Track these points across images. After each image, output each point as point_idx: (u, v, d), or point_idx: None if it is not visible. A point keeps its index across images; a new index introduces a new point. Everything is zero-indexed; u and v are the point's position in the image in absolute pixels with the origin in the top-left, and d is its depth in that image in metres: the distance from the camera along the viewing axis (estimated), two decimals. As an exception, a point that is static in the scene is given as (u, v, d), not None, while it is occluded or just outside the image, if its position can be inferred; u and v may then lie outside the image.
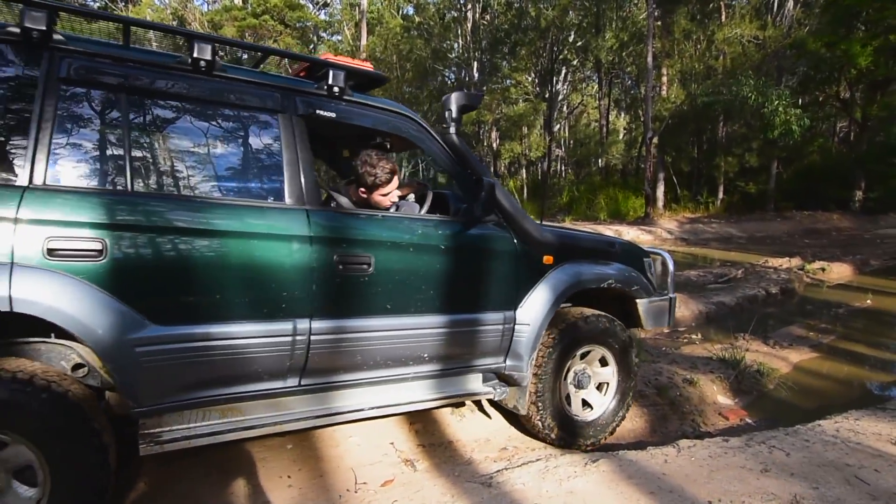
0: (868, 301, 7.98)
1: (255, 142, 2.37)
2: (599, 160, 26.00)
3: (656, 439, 3.49)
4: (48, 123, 1.91)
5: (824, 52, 16.31)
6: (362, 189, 2.69)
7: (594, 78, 26.95)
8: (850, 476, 2.54)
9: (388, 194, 2.72)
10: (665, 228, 16.38)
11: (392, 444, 3.01)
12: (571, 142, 30.99)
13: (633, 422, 3.70)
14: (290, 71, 2.22)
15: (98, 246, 1.89)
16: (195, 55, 2.14)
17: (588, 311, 3.11)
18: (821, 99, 19.46)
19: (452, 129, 2.70)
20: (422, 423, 3.26)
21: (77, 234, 1.87)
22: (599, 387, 3.24)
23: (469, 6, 24.00)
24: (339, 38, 31.24)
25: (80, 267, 1.87)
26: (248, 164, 2.37)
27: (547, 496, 2.33)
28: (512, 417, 3.37)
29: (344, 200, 2.70)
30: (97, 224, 1.89)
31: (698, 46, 19.73)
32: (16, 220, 1.79)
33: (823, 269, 9.72)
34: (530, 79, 24.31)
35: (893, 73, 16.41)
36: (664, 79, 21.27)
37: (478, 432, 3.29)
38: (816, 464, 2.66)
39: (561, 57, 23.26)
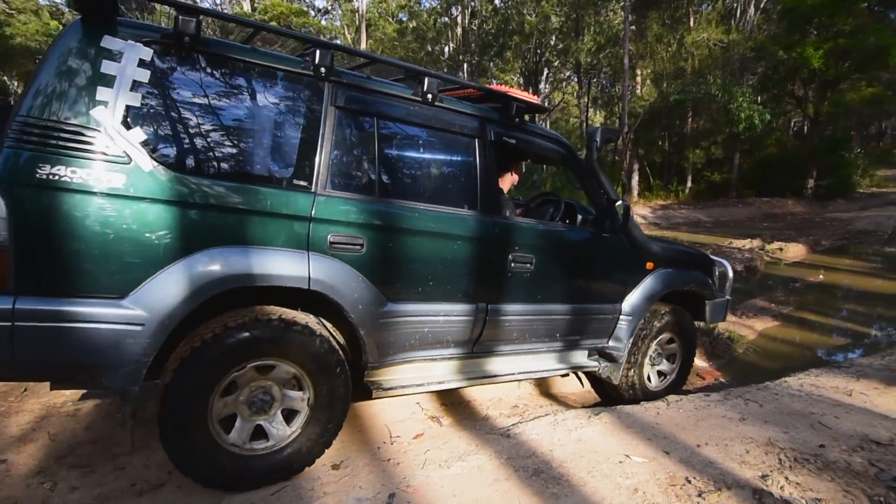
0: (820, 276, 8.20)
1: (459, 160, 2.65)
2: (579, 154, 25.98)
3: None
4: (329, 142, 2.21)
5: (782, 54, 16.41)
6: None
7: (574, 78, 26.88)
8: (814, 422, 2.70)
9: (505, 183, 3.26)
10: (640, 214, 16.52)
11: (418, 403, 3.13)
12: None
13: (623, 382, 3.85)
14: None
15: (361, 241, 2.23)
16: (424, 89, 2.43)
17: (669, 307, 3.44)
18: (778, 96, 19.60)
19: (594, 157, 3.05)
20: (441, 386, 3.38)
21: (348, 231, 2.20)
22: (672, 357, 3.58)
23: (459, 12, 23.79)
24: (339, 41, 30.88)
25: (349, 257, 2.20)
26: (455, 177, 2.67)
27: (559, 443, 2.46)
28: (517, 382, 3.50)
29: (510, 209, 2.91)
30: (360, 224, 2.22)
31: (669, 49, 19.74)
32: (311, 219, 2.12)
33: (781, 249, 9.93)
34: (516, 79, 24.22)
35: (842, 74, 16.55)
36: (638, 78, 21.29)
37: (490, 392, 3.42)
38: (786, 413, 2.81)
39: (544, 59, 23.18)
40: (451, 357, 2.68)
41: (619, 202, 3.02)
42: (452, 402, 3.22)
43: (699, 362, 4.35)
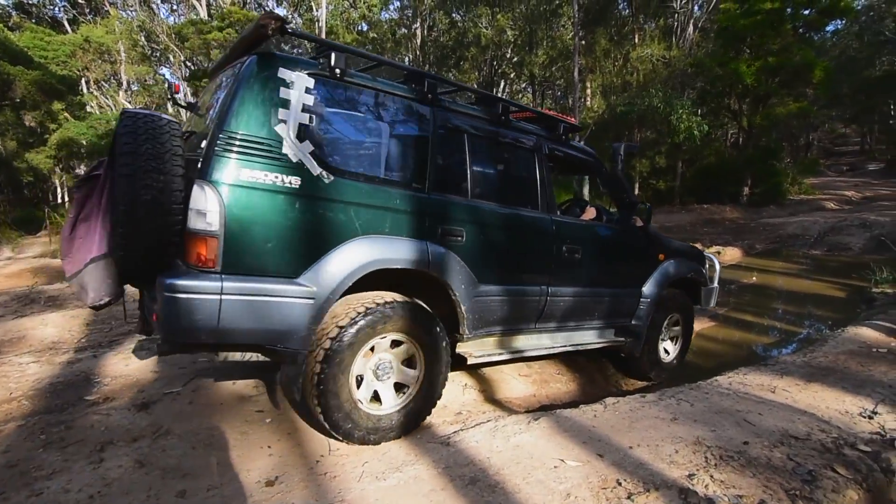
0: (753, 278, 8.55)
1: (524, 168, 3.24)
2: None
3: (587, 399, 3.67)
4: (434, 154, 2.72)
5: (718, 70, 17.14)
6: None
7: (528, 90, 27.34)
8: (740, 420, 2.76)
9: None
10: (590, 220, 16.85)
11: (361, 413, 3.03)
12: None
13: (568, 385, 3.87)
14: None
15: (461, 233, 2.74)
16: (499, 111, 3.05)
17: (675, 291, 4.09)
18: (716, 109, 20.47)
19: (619, 167, 3.72)
20: (387, 394, 3.29)
21: (453, 225, 2.71)
22: (675, 338, 4.24)
23: (417, 24, 23.82)
24: (300, 50, 30.35)
25: (453, 246, 2.70)
26: (522, 183, 3.22)
27: (497, 450, 2.42)
28: (467, 384, 3.45)
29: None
30: (460, 219, 2.75)
31: (616, 63, 20.34)
32: (426, 215, 2.62)
33: (719, 252, 10.32)
34: (473, 90, 24.41)
35: (772, 89, 17.43)
36: (588, 91, 21.82)
37: (435, 399, 3.35)
38: (714, 411, 2.87)
39: (500, 71, 23.48)
40: (520, 331, 3.21)
41: (644, 204, 3.72)
42: (396, 411, 3.13)
43: (639, 363, 4.42)
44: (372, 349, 2.51)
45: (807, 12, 17.18)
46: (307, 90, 2.32)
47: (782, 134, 28.61)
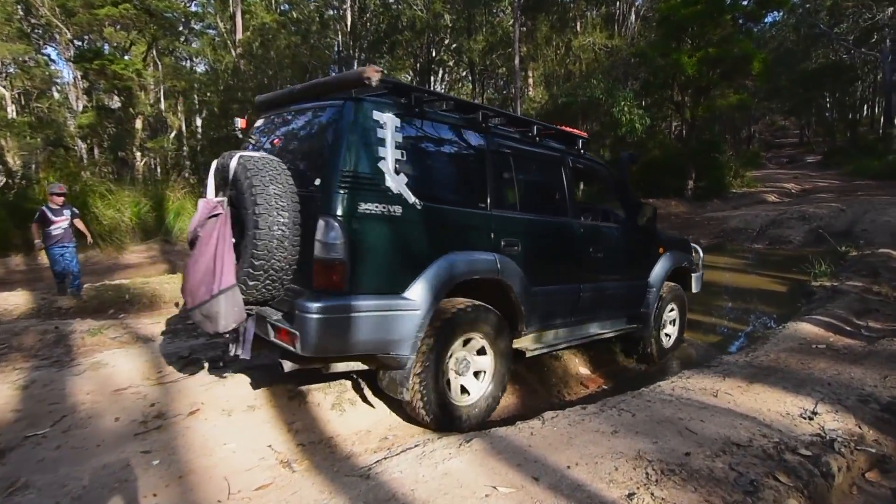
0: (699, 274, 8.94)
1: (555, 181, 3.91)
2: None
3: (527, 412, 3.65)
4: (491, 174, 3.31)
5: (660, 60, 17.97)
6: None
7: (469, 78, 27.56)
8: (682, 428, 2.81)
9: None
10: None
11: (270, 446, 2.85)
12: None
13: (507, 399, 3.83)
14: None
15: (517, 243, 3.36)
16: (534, 133, 3.74)
17: (673, 284, 4.88)
18: (659, 101, 21.44)
19: (625, 174, 4.67)
20: (302, 422, 3.12)
21: (510, 237, 3.31)
22: (673, 322, 5.01)
23: (346, 5, 23.41)
24: (214, 31, 29.05)
25: (512, 255, 3.30)
26: (555, 193, 3.93)
27: (423, 481, 2.32)
28: (394, 406, 3.33)
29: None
30: (515, 231, 3.37)
31: (558, 52, 20.89)
32: (491, 230, 3.22)
33: (665, 249, 10.74)
34: (409, 78, 24.31)
35: (713, 81, 18.47)
36: (530, 80, 22.28)
37: (359, 424, 3.22)
38: (656, 420, 2.91)
39: (438, 58, 23.52)
40: (561, 325, 3.88)
41: (648, 205, 4.46)
42: (312, 441, 2.97)
43: (583, 370, 4.47)
44: (461, 346, 3.16)
45: (745, 3, 18.35)
46: (396, 129, 2.85)
47: (725, 126, 30.48)
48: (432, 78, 24.11)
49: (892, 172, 20.82)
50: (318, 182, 2.67)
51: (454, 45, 23.04)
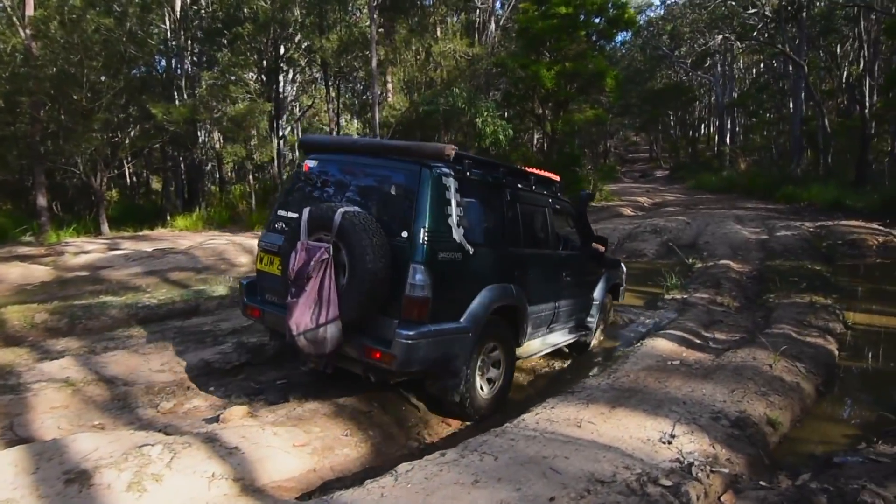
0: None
1: (542, 219, 5.13)
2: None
3: (381, 463, 3.44)
4: (507, 218, 4.47)
5: (520, 71, 19.14)
6: None
7: (322, 80, 26.99)
8: (546, 469, 2.79)
9: None
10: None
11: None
12: (303, 146, 30.30)
13: (359, 449, 3.59)
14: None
15: (522, 273, 4.49)
16: (531, 182, 5.07)
17: (609, 296, 6.44)
18: (521, 113, 22.81)
19: (584, 209, 6.18)
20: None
21: (517, 269, 4.43)
22: (600, 328, 6.35)
23: (175, -12, 21.66)
24: (-3, 6, 25.20)
25: (519, 282, 4.39)
26: (542, 230, 5.10)
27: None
28: (209, 479, 2.92)
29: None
30: (520, 264, 4.50)
31: (419, 57, 21.29)
32: (508, 265, 4.35)
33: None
34: (254, 76, 23.12)
35: (571, 95, 20.11)
36: (389, 86, 22.42)
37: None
38: (520, 462, 2.87)
39: (287, 56, 22.66)
40: (541, 335, 5.02)
41: (602, 236, 6.29)
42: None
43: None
44: (488, 352, 4.20)
45: (597, 20, 20.25)
46: (455, 190, 3.80)
47: (583, 140, 33.34)
48: (281, 78, 23.21)
49: (726, 187, 24.33)
50: (405, 234, 3.59)
51: (306, 44, 22.39)
